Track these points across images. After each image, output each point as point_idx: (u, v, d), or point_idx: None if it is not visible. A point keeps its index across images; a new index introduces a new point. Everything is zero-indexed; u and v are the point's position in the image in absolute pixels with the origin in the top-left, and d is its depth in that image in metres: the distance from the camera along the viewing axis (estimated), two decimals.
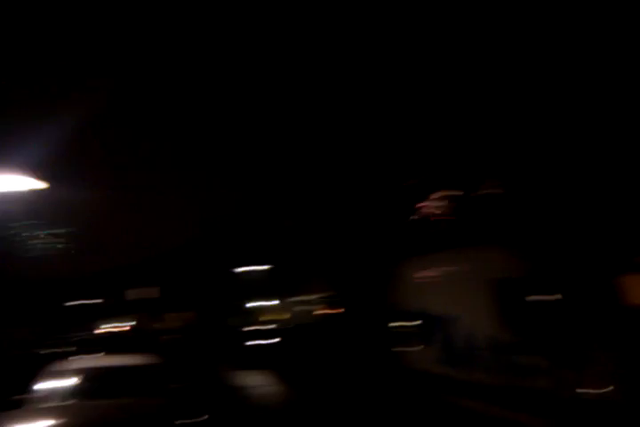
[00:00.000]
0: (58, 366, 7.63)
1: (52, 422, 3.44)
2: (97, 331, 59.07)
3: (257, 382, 18.05)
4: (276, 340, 22.42)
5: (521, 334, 7.69)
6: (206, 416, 3.33)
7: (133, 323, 62.03)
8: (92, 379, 7.20)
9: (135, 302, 63.88)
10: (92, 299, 68.83)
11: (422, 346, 11.12)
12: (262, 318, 36.34)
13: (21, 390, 7.47)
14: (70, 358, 8.87)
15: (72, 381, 7.24)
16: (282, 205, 32.18)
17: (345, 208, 25.09)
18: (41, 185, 12.78)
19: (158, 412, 4.13)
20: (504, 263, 8.14)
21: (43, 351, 25.85)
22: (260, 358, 22.00)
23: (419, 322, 11.19)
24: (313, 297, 30.06)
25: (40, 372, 7.71)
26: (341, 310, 26.92)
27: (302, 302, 31.82)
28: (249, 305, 38.79)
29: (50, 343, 31.97)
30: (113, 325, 64.89)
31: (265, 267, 34.83)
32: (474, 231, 16.55)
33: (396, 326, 12.78)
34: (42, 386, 7.03)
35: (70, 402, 6.26)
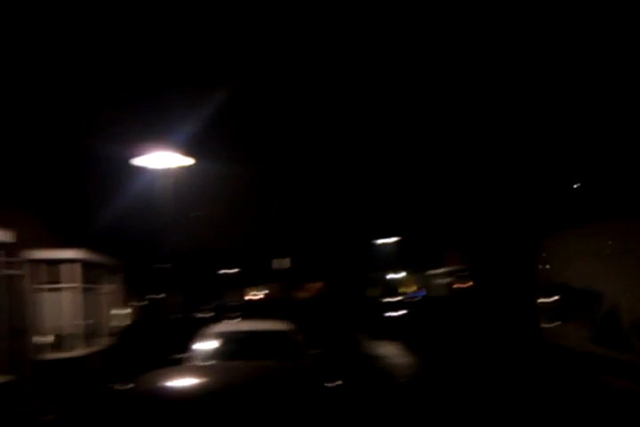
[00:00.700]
0: (211, 329, 8.23)
1: (206, 378, 3.70)
2: (236, 298, 62.65)
3: (390, 352, 18.28)
4: (410, 312, 22.48)
5: None
6: (340, 382, 3.45)
7: (267, 291, 65.05)
8: (239, 341, 7.72)
9: (272, 272, 66.84)
10: (233, 268, 72.87)
11: (566, 322, 10.67)
12: (401, 290, 36.57)
13: (181, 349, 8.22)
14: (220, 322, 9.53)
15: (222, 342, 7.80)
16: (418, 177, 31.84)
17: (482, 179, 24.32)
18: (189, 161, 13.69)
19: (303, 374, 4.33)
20: None
21: (197, 315, 28.15)
22: (394, 329, 22.23)
23: (560, 297, 10.74)
24: (447, 270, 29.70)
25: (196, 334, 8.42)
26: (473, 283, 26.41)
27: (436, 275, 31.55)
28: (387, 277, 39.04)
29: (200, 309, 34.54)
30: (252, 293, 68.58)
31: (398, 239, 34.76)
32: (627, 201, 15.40)
33: (534, 301, 12.35)
34: (198, 347, 7.66)
35: (220, 362, 6.73)
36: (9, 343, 9.58)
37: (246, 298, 62.11)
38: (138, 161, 12.57)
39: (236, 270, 73.14)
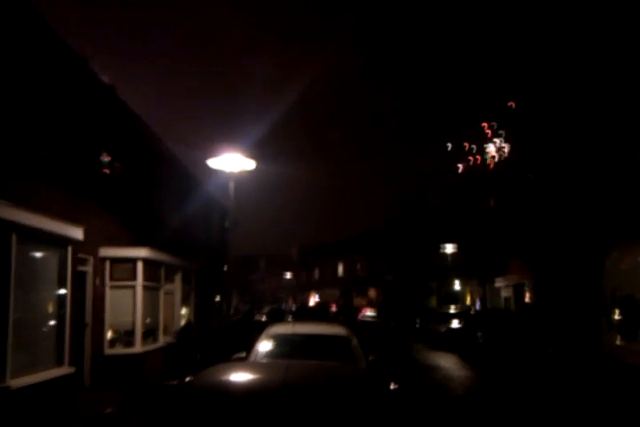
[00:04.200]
0: (270, 330, 8.32)
1: (272, 373, 3.66)
2: (292, 303, 63.20)
3: (446, 364, 17.93)
4: (468, 323, 22.00)
5: None
6: (396, 386, 3.39)
7: (323, 297, 65.17)
8: (299, 343, 7.76)
9: (328, 278, 66.96)
10: (290, 273, 73.49)
11: (631, 337, 10.18)
12: (460, 300, 35.85)
13: (240, 350, 8.41)
14: (278, 325, 9.61)
15: (281, 344, 7.87)
16: (482, 186, 31.30)
17: (550, 189, 23.62)
18: (252, 164, 13.85)
19: (367, 374, 4.27)
20: None
21: (255, 318, 28.87)
22: (451, 341, 21.83)
23: (625, 311, 10.26)
24: (508, 282, 28.93)
25: (255, 335, 8.53)
26: (535, 295, 25.62)
27: (497, 286, 30.78)
28: (447, 286, 38.33)
29: (257, 311, 35.30)
30: (309, 298, 68.93)
31: (460, 247, 34.05)
32: None
33: (599, 314, 11.85)
34: (258, 347, 7.75)
35: (283, 359, 6.76)
36: (71, 337, 9.90)
37: (303, 303, 62.49)
38: (209, 163, 12.81)
39: (293, 275, 73.83)
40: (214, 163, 12.73)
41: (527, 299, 27.06)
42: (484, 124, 50.63)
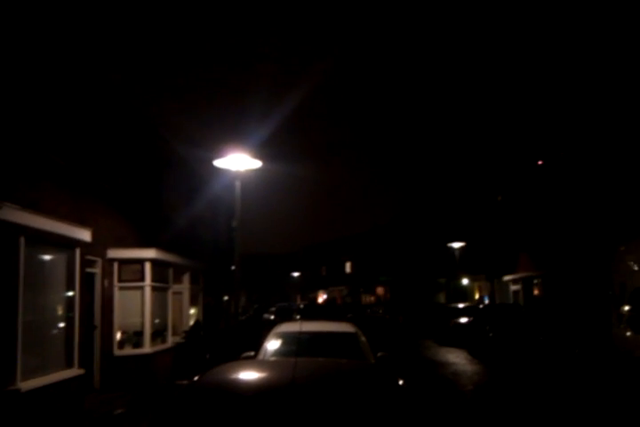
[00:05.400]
0: (278, 329, 8.36)
1: (281, 370, 3.66)
2: (300, 301, 63.25)
3: (455, 359, 17.91)
4: (477, 318, 21.95)
5: None
6: (401, 382, 3.39)
7: (331, 295, 65.28)
8: (307, 341, 7.79)
9: (336, 275, 67.02)
10: (297, 272, 73.63)
11: (638, 330, 10.16)
12: (469, 296, 35.84)
13: (248, 349, 8.45)
14: (286, 323, 9.63)
15: (289, 342, 7.90)
16: (492, 181, 31.18)
17: (559, 184, 23.51)
18: (259, 164, 13.84)
19: (375, 370, 4.27)
20: None
21: (264, 316, 28.92)
22: (460, 336, 21.79)
23: (635, 305, 10.23)
24: (517, 276, 28.87)
25: (263, 334, 8.57)
26: (544, 290, 25.54)
27: (506, 281, 30.73)
28: (456, 282, 38.30)
29: (265, 310, 35.34)
30: (317, 296, 69.05)
31: (468, 243, 33.93)
32: None
33: (609, 308, 11.82)
34: (266, 345, 7.79)
35: (291, 358, 6.78)
36: (80, 339, 9.94)
37: (311, 301, 62.56)
38: (216, 163, 12.81)
39: (300, 274, 73.93)
40: (221, 163, 12.74)
41: (536, 294, 26.99)
42: None
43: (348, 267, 65.46)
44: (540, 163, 25.23)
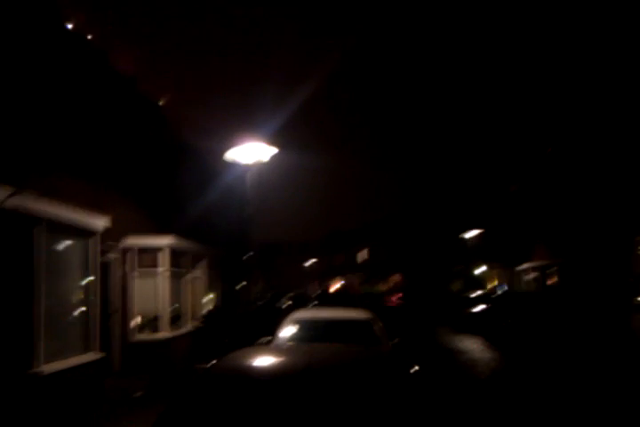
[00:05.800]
0: (294, 315, 8.42)
1: (295, 356, 3.71)
2: (316, 288, 63.49)
3: (471, 346, 17.92)
4: (493, 306, 21.91)
5: None
6: (417, 367, 3.42)
7: (347, 282, 65.39)
8: (322, 328, 7.85)
9: (351, 264, 67.14)
10: (315, 259, 73.90)
11: None
12: (485, 284, 35.72)
13: (269, 333, 8.53)
14: (302, 310, 9.70)
15: (305, 329, 7.96)
16: (508, 170, 30.89)
17: (574, 170, 23.22)
18: (272, 151, 13.88)
19: (388, 357, 4.31)
20: None
21: (279, 303, 29.12)
22: (476, 324, 21.79)
23: None
24: (534, 264, 28.67)
25: (279, 320, 8.65)
26: (561, 278, 25.37)
27: (523, 270, 30.55)
28: (471, 270, 38.19)
29: (282, 297, 35.52)
30: (332, 284, 69.25)
31: (483, 231, 33.74)
32: None
33: (628, 296, 11.75)
34: (282, 332, 7.86)
35: (306, 344, 6.84)
36: (100, 324, 10.11)
37: (326, 289, 62.74)
38: (230, 153, 12.87)
39: (316, 261, 74.16)
40: (235, 152, 12.78)
41: (551, 282, 26.82)
42: None
43: (364, 254, 65.50)
44: (549, 150, 24.96)
